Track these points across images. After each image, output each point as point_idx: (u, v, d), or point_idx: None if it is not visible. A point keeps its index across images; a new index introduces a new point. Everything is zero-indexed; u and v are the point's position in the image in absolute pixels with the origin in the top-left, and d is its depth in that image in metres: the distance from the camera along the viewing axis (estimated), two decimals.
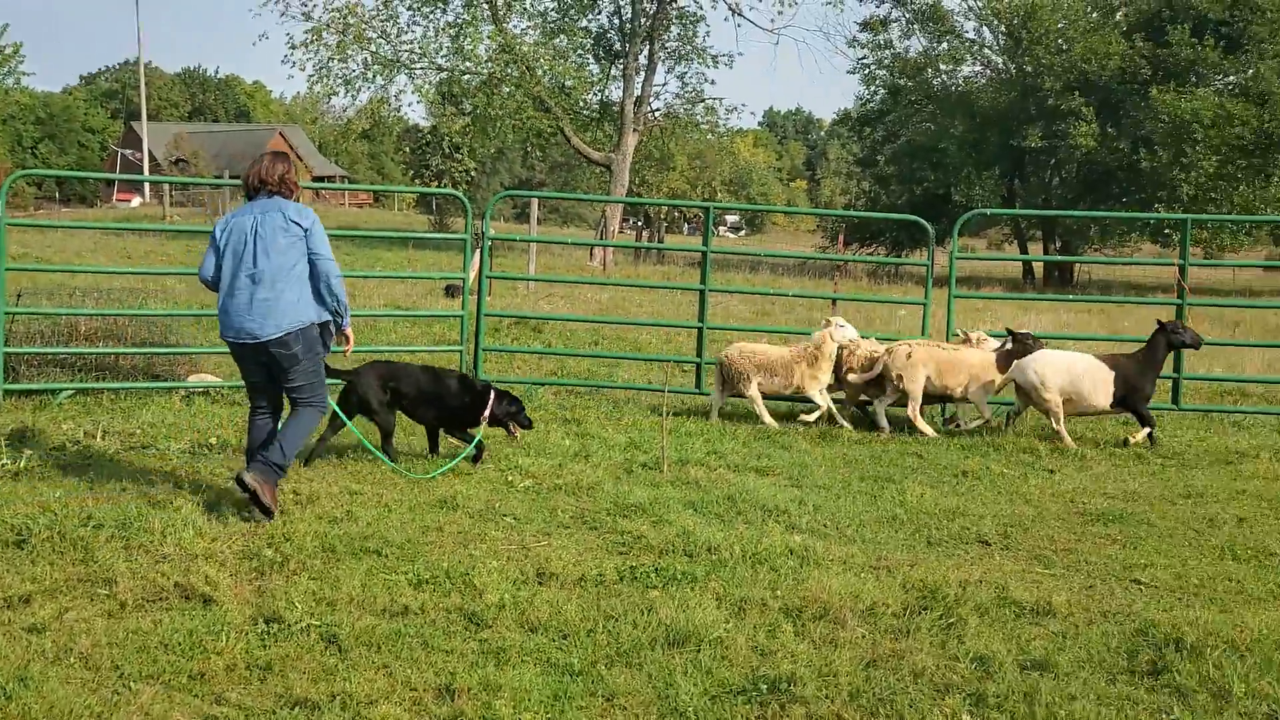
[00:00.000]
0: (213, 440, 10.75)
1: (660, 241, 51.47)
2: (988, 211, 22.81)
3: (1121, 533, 9.22)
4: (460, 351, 14.40)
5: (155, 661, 5.95)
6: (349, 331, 9.08)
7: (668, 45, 46.89)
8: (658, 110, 48.39)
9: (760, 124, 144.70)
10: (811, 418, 13.26)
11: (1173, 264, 15.01)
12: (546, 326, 19.52)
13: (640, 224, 72.42)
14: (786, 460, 11.40)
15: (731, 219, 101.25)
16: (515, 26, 45.25)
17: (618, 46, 47.59)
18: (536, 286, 26.25)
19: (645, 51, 46.18)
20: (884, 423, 13.13)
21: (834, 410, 13.41)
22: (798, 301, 26.09)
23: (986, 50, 61.91)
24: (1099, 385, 12.73)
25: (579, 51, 46.68)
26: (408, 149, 59.97)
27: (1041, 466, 11.72)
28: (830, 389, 13.47)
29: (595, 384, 15.02)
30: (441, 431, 10.83)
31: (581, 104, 48.22)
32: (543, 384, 14.56)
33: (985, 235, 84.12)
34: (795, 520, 9.11)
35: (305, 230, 8.62)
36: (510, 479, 9.97)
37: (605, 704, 5.71)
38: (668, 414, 12.29)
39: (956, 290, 15.09)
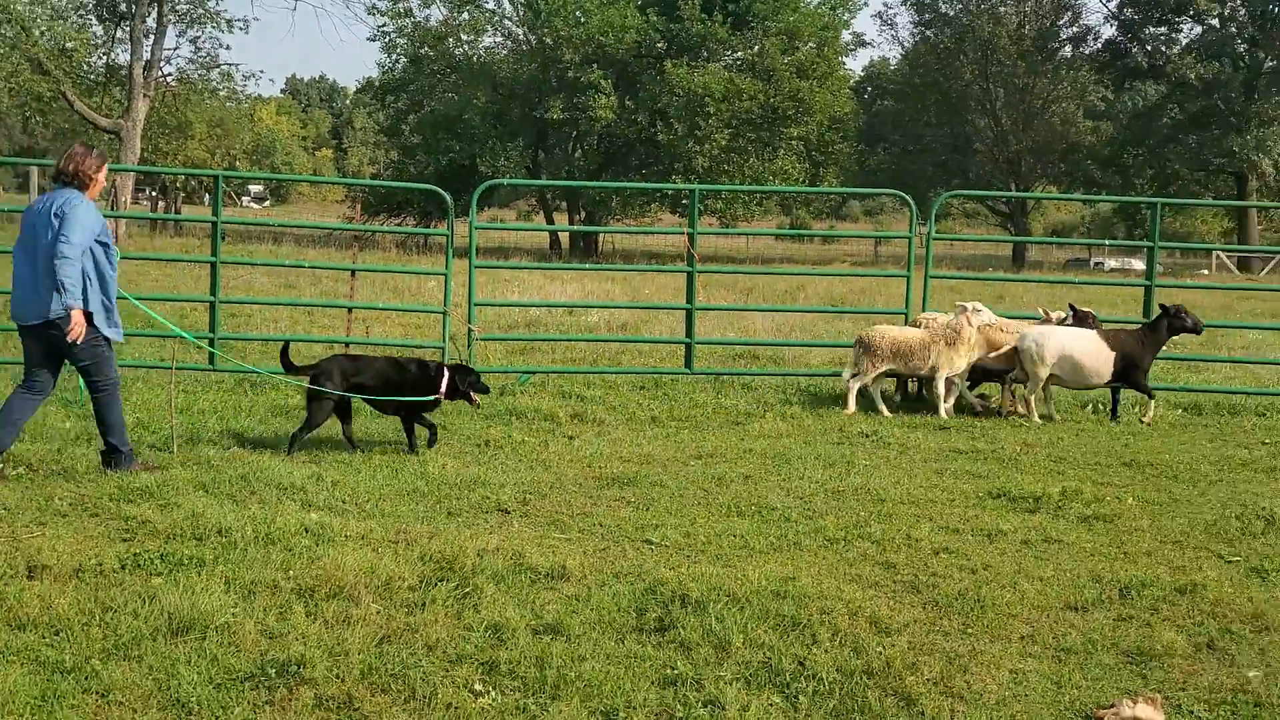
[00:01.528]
0: None
1: (177, 212, 49.40)
2: (503, 182, 23.04)
3: (636, 495, 9.46)
4: None
5: None
6: (74, 314, 8.99)
7: (178, 7, 45.02)
8: (170, 75, 46.43)
9: (283, 91, 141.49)
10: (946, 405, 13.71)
11: (683, 232, 15.53)
12: None
13: (156, 194, 69.50)
14: (306, 436, 11.13)
15: (255, 189, 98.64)
16: None
17: (123, 8, 45.26)
18: None
19: (154, 14, 44.15)
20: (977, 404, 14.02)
21: (968, 395, 13.96)
22: (322, 273, 25.64)
23: (507, 21, 62.70)
24: (1100, 361, 13.40)
25: (80, 11, 44.12)
26: None
27: (562, 433, 11.91)
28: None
29: None
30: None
31: (85, 67, 45.68)
32: None
33: (514, 206, 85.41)
34: (312, 498, 8.88)
35: (61, 218, 8.91)
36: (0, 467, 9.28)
37: (100, 700, 5.36)
38: (175, 392, 11.82)
39: (479, 261, 15.15)
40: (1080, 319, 14.27)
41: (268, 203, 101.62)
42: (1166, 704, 5.64)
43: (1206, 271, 54.34)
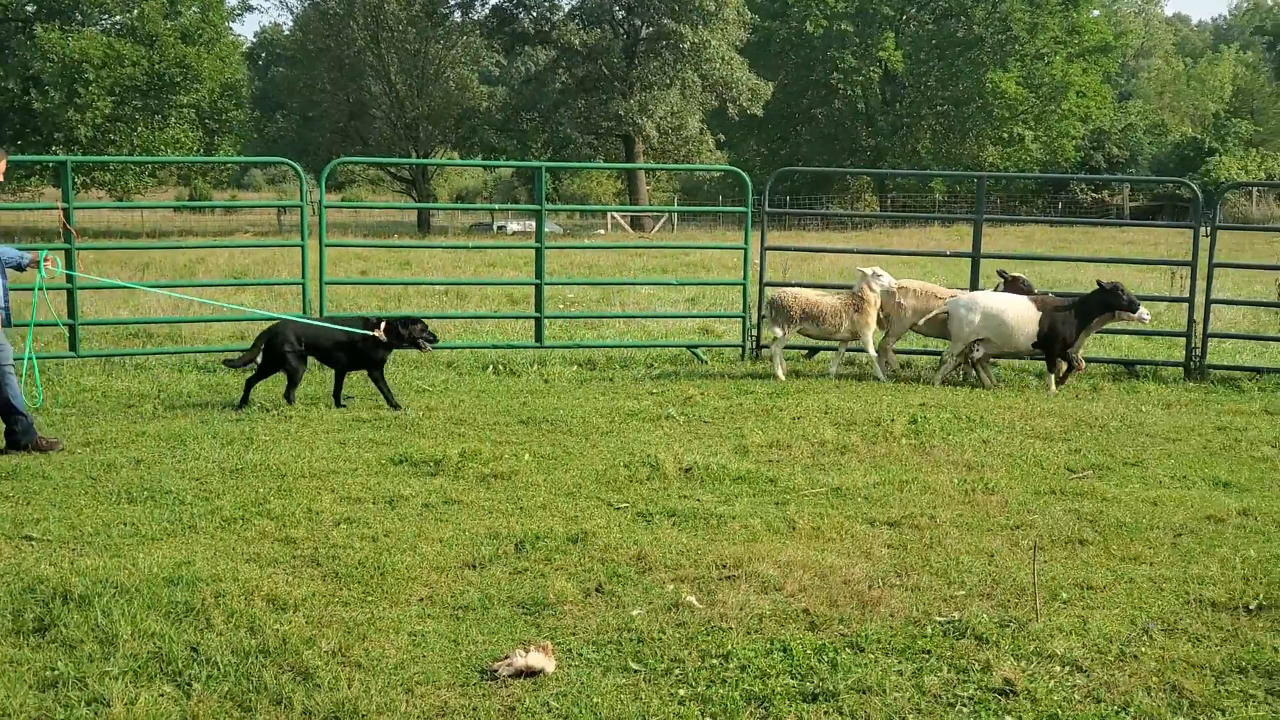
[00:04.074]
0: None
1: None
2: None
3: (14, 488, 8.86)
4: None
5: None
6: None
7: None
8: None
9: None
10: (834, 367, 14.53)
11: (57, 207, 14.57)
12: None
13: None
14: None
15: None
16: None
17: None
18: None
19: None
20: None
21: (876, 359, 14.42)
22: None
23: None
24: (1027, 325, 13.56)
25: None
26: None
27: None
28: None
29: None
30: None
31: None
32: None
33: None
34: None
35: None
36: None
37: None
38: None
39: None
40: (1011, 284, 14.52)
41: None
42: (557, 649, 5.86)
43: (603, 231, 57.02)
